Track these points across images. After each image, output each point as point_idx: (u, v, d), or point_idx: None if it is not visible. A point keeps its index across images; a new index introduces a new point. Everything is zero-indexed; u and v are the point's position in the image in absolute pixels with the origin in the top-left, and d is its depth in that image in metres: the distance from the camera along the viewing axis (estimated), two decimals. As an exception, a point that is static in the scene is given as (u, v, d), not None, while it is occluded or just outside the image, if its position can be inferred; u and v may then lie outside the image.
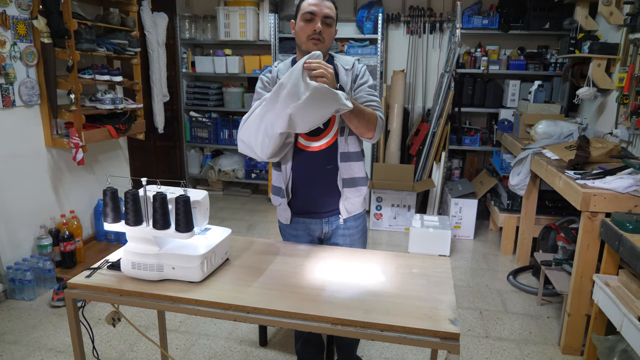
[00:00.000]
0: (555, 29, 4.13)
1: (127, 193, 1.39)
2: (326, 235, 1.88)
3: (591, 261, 2.27)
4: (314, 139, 1.76)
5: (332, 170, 1.77)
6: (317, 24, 1.66)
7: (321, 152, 1.76)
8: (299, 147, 1.77)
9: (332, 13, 1.70)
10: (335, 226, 1.85)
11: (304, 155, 1.77)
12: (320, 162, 1.77)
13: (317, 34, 1.67)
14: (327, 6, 1.69)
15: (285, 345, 2.45)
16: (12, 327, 2.58)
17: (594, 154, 2.64)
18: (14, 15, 2.75)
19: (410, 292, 1.41)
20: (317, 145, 1.76)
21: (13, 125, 2.85)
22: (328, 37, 1.70)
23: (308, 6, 1.68)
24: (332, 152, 1.76)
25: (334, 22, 1.71)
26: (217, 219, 4.37)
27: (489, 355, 2.41)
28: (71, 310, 1.42)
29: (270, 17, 4.52)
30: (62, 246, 3.05)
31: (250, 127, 1.67)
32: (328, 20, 1.68)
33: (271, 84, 1.76)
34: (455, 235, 3.97)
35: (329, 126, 1.75)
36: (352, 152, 1.77)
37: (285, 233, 1.93)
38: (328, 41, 1.71)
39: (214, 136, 5.06)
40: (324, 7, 1.68)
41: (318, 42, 1.68)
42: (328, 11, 1.68)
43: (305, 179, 1.79)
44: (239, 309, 1.31)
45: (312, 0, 1.68)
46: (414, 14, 4.59)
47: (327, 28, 1.69)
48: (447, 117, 4.14)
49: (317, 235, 1.88)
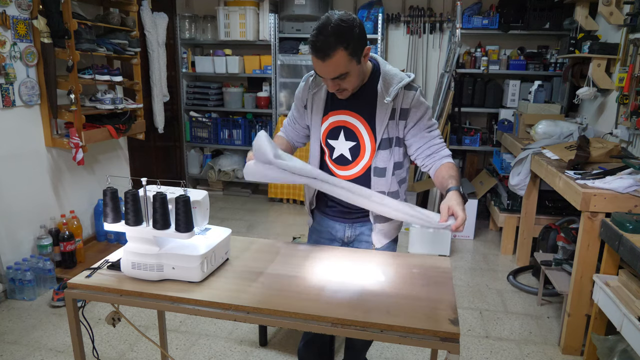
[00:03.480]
0: (555, 29, 4.13)
1: (127, 193, 1.38)
2: (349, 239, 1.82)
3: (591, 261, 2.27)
4: (343, 168, 1.70)
5: None
6: (330, 84, 1.50)
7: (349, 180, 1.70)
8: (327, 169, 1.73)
9: (342, 70, 1.43)
10: (359, 232, 1.79)
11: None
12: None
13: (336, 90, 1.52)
14: (332, 68, 1.42)
15: (285, 345, 2.45)
16: (12, 327, 2.58)
17: (594, 154, 2.64)
18: (14, 15, 2.75)
19: (410, 292, 1.40)
20: (345, 174, 1.69)
21: (13, 125, 2.85)
22: (350, 83, 1.50)
23: (314, 64, 1.46)
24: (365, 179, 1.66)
25: (350, 72, 1.46)
26: (217, 219, 4.37)
27: (489, 355, 2.41)
28: (71, 310, 1.42)
29: (270, 17, 4.52)
30: (62, 246, 3.05)
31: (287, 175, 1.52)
32: (340, 77, 1.46)
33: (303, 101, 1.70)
34: (455, 235, 3.97)
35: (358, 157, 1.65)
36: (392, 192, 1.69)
37: (310, 228, 1.91)
38: (353, 83, 1.51)
39: (214, 136, 5.06)
40: (328, 71, 1.44)
41: (342, 94, 1.54)
42: (335, 73, 1.44)
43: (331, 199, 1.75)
44: (239, 309, 1.31)
45: (315, 61, 1.44)
46: (414, 14, 4.59)
47: (344, 80, 1.48)
48: (447, 117, 4.14)
49: (340, 237, 1.82)
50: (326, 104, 1.65)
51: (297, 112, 1.76)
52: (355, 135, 1.63)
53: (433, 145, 1.61)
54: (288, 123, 1.82)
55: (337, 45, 1.38)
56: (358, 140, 1.63)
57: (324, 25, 1.39)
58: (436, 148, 1.61)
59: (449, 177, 1.54)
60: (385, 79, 1.56)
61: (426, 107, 1.59)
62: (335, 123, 1.65)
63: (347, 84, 1.50)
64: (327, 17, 1.41)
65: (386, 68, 1.59)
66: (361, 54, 1.46)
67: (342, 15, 1.41)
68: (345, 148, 1.66)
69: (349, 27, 1.39)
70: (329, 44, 1.38)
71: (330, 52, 1.39)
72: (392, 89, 1.54)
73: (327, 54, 1.39)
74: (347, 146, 1.65)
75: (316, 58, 1.42)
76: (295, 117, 1.78)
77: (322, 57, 1.40)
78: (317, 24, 1.42)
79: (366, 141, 1.62)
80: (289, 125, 1.82)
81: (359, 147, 1.64)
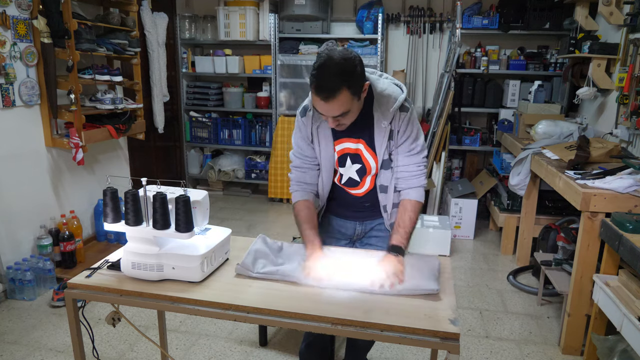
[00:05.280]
0: (555, 29, 4.13)
1: (127, 193, 1.38)
2: (359, 236, 1.84)
3: (591, 261, 2.27)
4: (352, 188, 1.75)
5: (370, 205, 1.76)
6: (330, 121, 1.48)
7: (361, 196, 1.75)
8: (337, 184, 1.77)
9: (344, 108, 1.42)
10: (370, 227, 1.81)
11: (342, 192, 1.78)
12: (360, 201, 1.76)
13: (337, 125, 1.51)
14: (336, 107, 1.40)
15: (285, 345, 2.45)
16: (12, 327, 2.58)
17: (594, 154, 2.64)
18: (14, 15, 2.75)
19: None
20: (356, 192, 1.75)
21: (13, 125, 2.85)
22: (350, 119, 1.49)
23: (315, 102, 1.43)
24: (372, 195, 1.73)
25: (351, 109, 1.44)
26: (217, 219, 4.36)
27: (489, 355, 2.41)
28: (71, 310, 1.42)
29: (270, 17, 4.52)
30: (62, 246, 3.05)
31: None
32: (343, 114, 1.45)
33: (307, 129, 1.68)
34: (455, 235, 3.97)
35: (365, 176, 1.70)
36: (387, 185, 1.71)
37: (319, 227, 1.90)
38: (352, 118, 1.51)
39: (214, 136, 5.06)
40: (332, 109, 1.42)
41: (340, 127, 1.53)
42: (338, 112, 1.42)
43: (341, 205, 1.80)
44: (239, 309, 1.31)
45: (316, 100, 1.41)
46: (414, 14, 4.58)
47: (345, 116, 1.46)
48: (447, 117, 4.14)
49: (349, 235, 1.84)
50: (332, 133, 1.64)
51: (308, 149, 1.70)
52: (360, 158, 1.66)
53: (408, 172, 1.63)
54: (301, 171, 1.73)
55: (341, 85, 1.37)
56: (363, 163, 1.67)
57: (326, 65, 1.37)
58: (409, 175, 1.63)
59: (397, 227, 1.58)
60: (380, 101, 1.55)
61: (412, 129, 1.59)
62: (341, 152, 1.67)
63: (347, 120, 1.50)
64: (328, 56, 1.38)
65: (379, 88, 1.57)
66: (361, 91, 1.45)
67: (344, 53, 1.40)
68: (352, 172, 1.70)
69: (351, 66, 1.38)
70: (333, 84, 1.37)
71: (336, 93, 1.37)
72: (388, 112, 1.55)
73: (331, 95, 1.37)
74: (354, 169, 1.69)
75: (319, 98, 1.40)
76: (308, 157, 1.71)
77: (326, 98, 1.38)
78: (319, 62, 1.39)
79: (370, 162, 1.66)
80: (304, 173, 1.73)
81: (365, 168, 1.67)
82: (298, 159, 1.73)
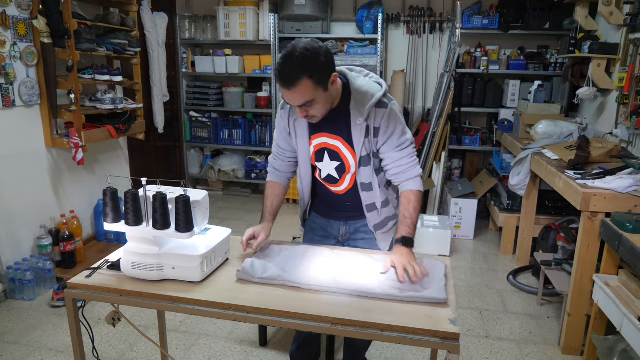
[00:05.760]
0: (555, 29, 4.13)
1: (127, 193, 1.38)
2: (344, 237, 1.84)
3: (591, 261, 2.27)
4: (333, 185, 1.75)
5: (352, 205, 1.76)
6: (298, 111, 1.51)
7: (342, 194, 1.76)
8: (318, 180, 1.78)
9: (307, 98, 1.44)
10: (354, 229, 1.82)
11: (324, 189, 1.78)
12: (341, 199, 1.77)
13: (305, 116, 1.54)
14: (298, 96, 1.44)
15: (285, 345, 2.45)
16: (12, 327, 2.58)
17: (594, 154, 2.64)
18: (14, 15, 2.75)
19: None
20: (336, 190, 1.75)
21: (13, 125, 2.84)
22: (318, 110, 1.50)
23: (282, 92, 1.48)
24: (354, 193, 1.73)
25: (316, 99, 1.46)
26: (217, 219, 4.36)
27: (489, 355, 2.41)
28: (71, 310, 1.42)
29: (270, 17, 4.52)
30: (62, 246, 3.05)
31: None
32: (306, 104, 1.47)
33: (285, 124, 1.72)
34: (455, 235, 3.97)
35: (344, 174, 1.70)
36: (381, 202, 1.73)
37: (305, 227, 1.93)
38: (321, 110, 1.51)
39: (214, 136, 5.06)
40: (294, 99, 1.45)
41: (312, 119, 1.56)
42: (301, 101, 1.45)
43: (324, 203, 1.82)
44: (239, 309, 1.31)
45: (282, 89, 1.45)
46: (414, 14, 4.58)
47: (311, 107, 1.48)
48: (447, 117, 4.14)
49: (335, 235, 1.85)
50: (309, 127, 1.67)
51: (283, 142, 1.76)
52: (338, 155, 1.67)
53: (402, 165, 1.63)
54: (275, 158, 1.82)
55: (301, 74, 1.39)
56: (342, 160, 1.67)
57: (289, 54, 1.41)
58: (404, 168, 1.63)
59: (404, 219, 1.60)
60: (356, 98, 1.56)
61: (395, 125, 1.59)
62: (318, 146, 1.68)
63: (315, 111, 1.51)
64: (292, 46, 1.42)
65: (356, 85, 1.58)
66: (328, 82, 1.46)
67: (308, 43, 1.42)
68: (331, 168, 1.70)
69: (313, 56, 1.41)
70: (293, 72, 1.40)
71: (295, 82, 1.40)
72: (364, 109, 1.55)
73: (292, 83, 1.40)
74: (333, 166, 1.69)
75: (282, 87, 1.44)
76: (282, 148, 1.78)
77: (288, 86, 1.42)
78: (283, 53, 1.43)
79: (349, 159, 1.66)
80: (277, 160, 1.81)
81: (344, 165, 1.68)
82: (275, 148, 1.81)
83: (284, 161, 1.80)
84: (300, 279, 1.43)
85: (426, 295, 1.34)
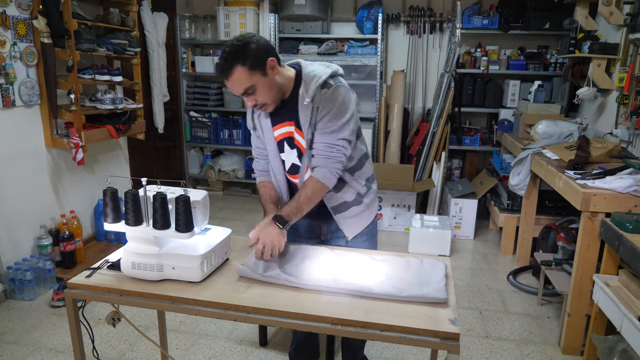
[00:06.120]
0: (555, 29, 4.13)
1: (127, 193, 1.38)
2: (325, 235, 1.84)
3: (591, 261, 2.27)
4: (295, 177, 1.73)
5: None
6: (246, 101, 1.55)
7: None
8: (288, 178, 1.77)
9: (246, 84, 1.48)
10: (335, 227, 1.79)
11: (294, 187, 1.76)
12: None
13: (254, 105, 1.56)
14: (236, 84, 1.49)
15: (285, 345, 2.45)
16: (12, 327, 2.58)
17: (594, 154, 2.64)
18: (14, 15, 2.75)
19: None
20: (298, 182, 1.71)
21: (13, 125, 2.84)
22: (262, 95, 1.53)
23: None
24: None
25: (256, 85, 1.49)
26: (217, 219, 4.36)
27: (489, 355, 2.41)
28: (71, 310, 1.42)
29: (270, 17, 4.52)
30: (62, 246, 3.05)
31: None
32: (248, 91, 1.51)
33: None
34: (455, 235, 3.97)
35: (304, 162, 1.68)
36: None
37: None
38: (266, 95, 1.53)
39: (214, 136, 5.06)
40: (234, 87, 1.51)
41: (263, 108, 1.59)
42: (241, 88, 1.50)
43: None
44: (239, 309, 1.31)
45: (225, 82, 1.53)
46: (414, 14, 4.59)
47: (255, 93, 1.52)
48: (447, 117, 4.14)
49: (317, 234, 1.85)
50: (271, 120, 1.68)
51: (257, 141, 1.79)
52: (293, 141, 1.66)
53: (319, 150, 1.58)
54: (257, 160, 1.83)
55: (233, 62, 1.46)
56: (297, 146, 1.66)
57: (223, 49, 1.50)
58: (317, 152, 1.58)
59: (291, 201, 1.59)
60: (306, 81, 1.58)
61: (332, 106, 1.54)
62: (279, 137, 1.69)
63: (260, 97, 1.53)
64: (227, 43, 1.52)
65: (307, 70, 1.60)
66: (264, 66, 1.49)
67: (239, 35, 1.52)
68: (294, 157, 1.69)
69: (243, 44, 1.47)
70: (227, 63, 1.48)
71: (229, 70, 1.47)
72: (310, 90, 1.56)
73: (227, 73, 1.48)
74: (294, 154, 1.68)
75: (223, 79, 1.51)
76: (259, 148, 1.80)
77: (225, 76, 1.49)
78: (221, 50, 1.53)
79: (302, 143, 1.64)
80: (259, 161, 1.82)
81: (300, 151, 1.66)
82: (254, 150, 1.84)
83: (265, 160, 1.80)
84: (300, 279, 1.43)
85: (426, 295, 1.33)
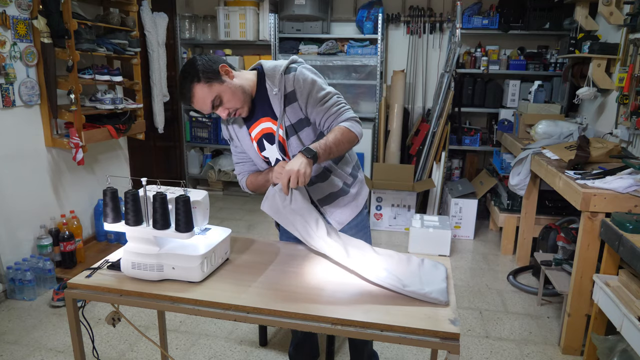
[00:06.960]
0: (555, 29, 4.13)
1: (127, 193, 1.38)
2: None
3: (591, 261, 2.27)
4: None
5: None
6: (220, 114, 1.59)
7: None
8: None
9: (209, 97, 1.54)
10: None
11: None
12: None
13: (228, 115, 1.60)
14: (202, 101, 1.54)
15: (285, 345, 2.45)
16: (12, 327, 2.58)
17: (594, 154, 2.64)
18: (14, 15, 2.75)
19: (410, 292, 1.40)
20: None
21: (13, 125, 2.85)
22: (232, 102, 1.57)
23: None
24: None
25: (219, 94, 1.55)
26: (217, 219, 4.37)
27: (489, 355, 2.41)
28: (71, 310, 1.42)
29: (270, 17, 4.52)
30: (62, 246, 3.05)
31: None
32: (215, 103, 1.56)
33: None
34: (455, 235, 3.97)
35: (286, 155, 1.69)
36: (314, 175, 1.70)
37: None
38: (235, 100, 1.58)
39: (214, 136, 5.05)
40: (203, 106, 1.56)
41: (237, 114, 1.62)
42: (207, 103, 1.55)
43: None
44: (239, 309, 1.31)
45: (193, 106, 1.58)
46: (414, 14, 4.59)
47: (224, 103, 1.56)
48: (447, 117, 4.14)
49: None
50: (245, 124, 1.70)
51: (238, 151, 1.79)
52: (272, 135, 1.68)
53: (331, 115, 1.60)
54: (241, 166, 1.83)
55: (189, 84, 1.53)
56: (278, 140, 1.67)
57: (178, 79, 1.57)
58: (334, 116, 1.61)
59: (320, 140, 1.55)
60: (269, 74, 1.62)
61: (310, 82, 1.59)
62: (257, 136, 1.71)
63: (229, 104, 1.57)
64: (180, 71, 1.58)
65: (268, 65, 1.64)
66: (219, 74, 1.55)
67: (186, 62, 1.58)
68: (276, 152, 1.70)
69: (190, 65, 1.54)
70: (183, 88, 1.55)
71: (189, 93, 1.54)
72: (275, 79, 1.60)
73: (188, 96, 1.55)
74: (275, 149, 1.69)
75: (190, 103, 1.57)
76: (241, 153, 1.80)
77: (189, 100, 1.56)
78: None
79: (280, 134, 1.66)
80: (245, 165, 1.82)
81: (282, 145, 1.68)
82: (236, 159, 1.84)
83: (250, 162, 1.81)
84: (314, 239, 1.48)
85: (428, 294, 1.34)
